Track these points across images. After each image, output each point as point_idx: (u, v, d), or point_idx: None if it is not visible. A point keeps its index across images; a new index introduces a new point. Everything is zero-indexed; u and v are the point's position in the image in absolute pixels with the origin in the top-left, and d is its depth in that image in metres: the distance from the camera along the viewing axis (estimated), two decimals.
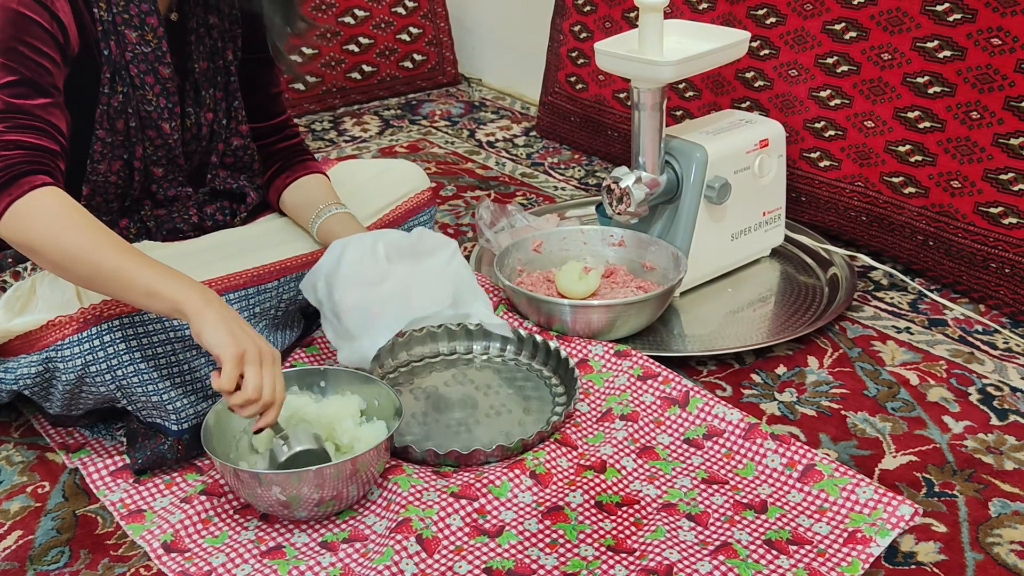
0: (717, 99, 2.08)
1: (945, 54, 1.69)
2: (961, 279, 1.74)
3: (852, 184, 1.87)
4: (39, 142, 1.22)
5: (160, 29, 1.34)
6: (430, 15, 2.85)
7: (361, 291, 1.42)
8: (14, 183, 1.18)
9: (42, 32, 1.23)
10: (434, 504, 1.24)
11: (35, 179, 1.18)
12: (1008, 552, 1.20)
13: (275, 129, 1.56)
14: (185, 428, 1.32)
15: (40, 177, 1.19)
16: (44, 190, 1.18)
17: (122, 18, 1.31)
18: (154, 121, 1.37)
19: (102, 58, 1.31)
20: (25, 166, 1.19)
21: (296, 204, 1.52)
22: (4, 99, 1.21)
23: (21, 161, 1.19)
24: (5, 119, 1.21)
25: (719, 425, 1.38)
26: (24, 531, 1.27)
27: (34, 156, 1.21)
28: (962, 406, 1.47)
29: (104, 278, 1.18)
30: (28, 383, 1.31)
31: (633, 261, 1.74)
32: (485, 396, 1.49)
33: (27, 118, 1.22)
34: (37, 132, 1.22)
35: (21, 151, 1.20)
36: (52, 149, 1.23)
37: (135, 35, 1.32)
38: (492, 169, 2.37)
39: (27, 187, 1.17)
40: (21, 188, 1.17)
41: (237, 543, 1.22)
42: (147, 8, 1.32)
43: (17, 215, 1.17)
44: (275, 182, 1.55)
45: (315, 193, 1.52)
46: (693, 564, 1.16)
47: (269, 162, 1.56)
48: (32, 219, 1.17)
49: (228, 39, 1.44)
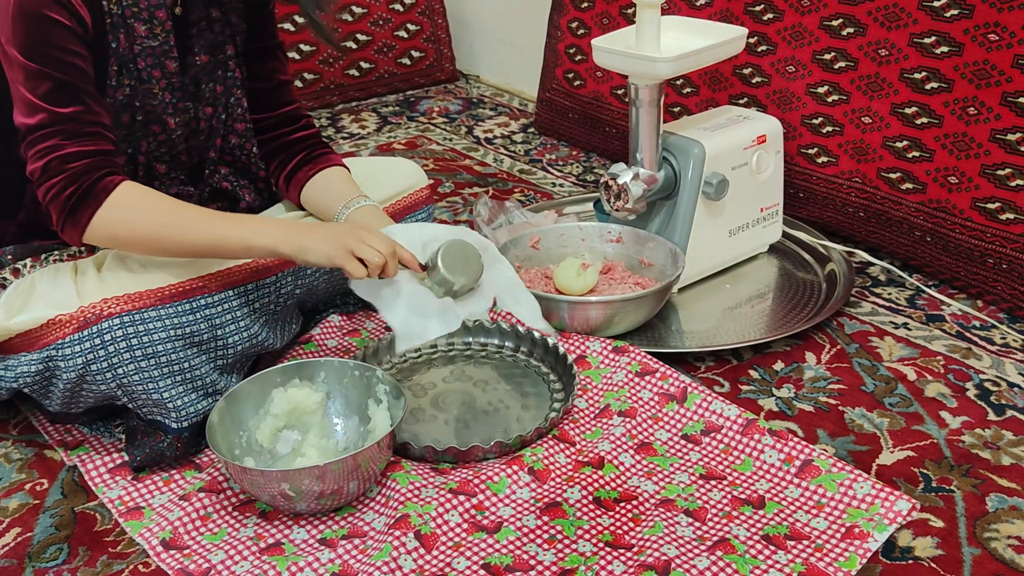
0: (715, 95, 2.08)
1: (942, 50, 1.70)
2: (959, 275, 1.74)
3: (850, 180, 1.87)
4: (97, 147, 1.26)
5: (168, 23, 1.34)
6: (428, 11, 2.85)
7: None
8: (91, 193, 1.24)
9: (66, 32, 1.24)
10: (432, 500, 1.24)
11: (106, 183, 1.25)
12: (1005, 547, 1.20)
13: (288, 119, 1.55)
14: (185, 426, 1.32)
15: (109, 179, 1.25)
16: (119, 189, 1.26)
17: (132, 11, 1.31)
18: (159, 115, 1.37)
19: (110, 51, 1.31)
20: (94, 173, 1.25)
21: (320, 196, 1.51)
22: (49, 109, 1.24)
23: (88, 170, 1.25)
24: (58, 132, 1.24)
25: (717, 421, 1.38)
26: (23, 528, 1.27)
27: (98, 162, 1.26)
28: (959, 401, 1.47)
29: (201, 250, 1.30)
30: (28, 381, 1.31)
31: (631, 257, 1.74)
32: (483, 392, 1.49)
33: (76, 124, 1.25)
34: (90, 137, 1.26)
35: (85, 160, 1.25)
36: (108, 150, 1.28)
37: (144, 28, 1.32)
38: (490, 166, 2.37)
39: (103, 194, 1.24)
40: (98, 197, 1.24)
41: (236, 540, 1.22)
42: (156, 2, 1.32)
43: (104, 222, 1.25)
44: (296, 175, 1.53)
45: (341, 187, 1.51)
46: (691, 560, 1.16)
47: (286, 154, 1.54)
48: (121, 220, 1.26)
49: (230, 33, 1.44)
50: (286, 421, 1.33)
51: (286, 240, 1.29)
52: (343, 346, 1.58)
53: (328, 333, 1.60)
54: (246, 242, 1.29)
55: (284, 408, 1.33)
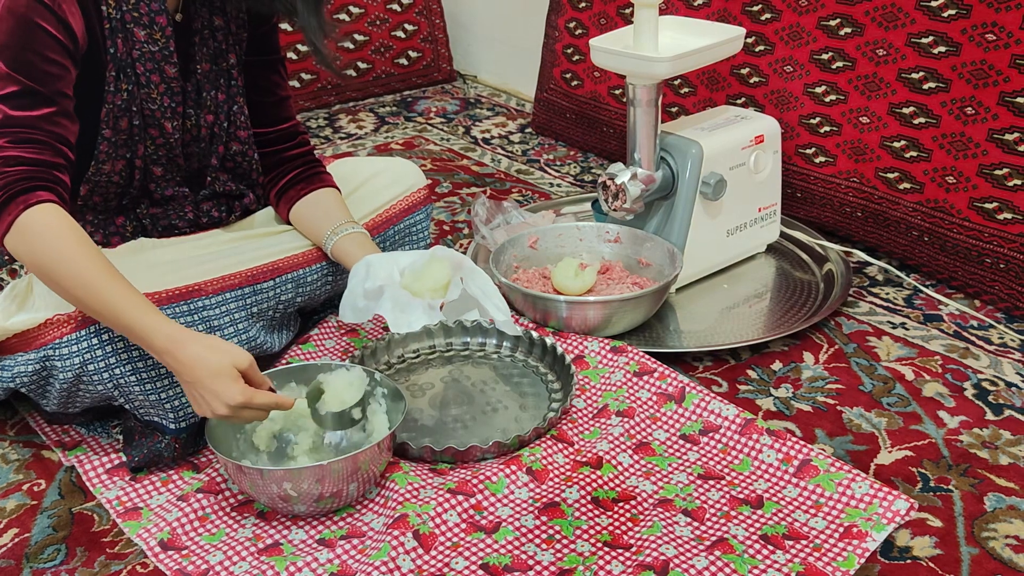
0: (712, 95, 2.08)
1: (940, 50, 1.70)
2: (956, 275, 1.74)
3: (847, 180, 1.87)
4: (40, 156, 1.22)
5: (168, 29, 1.33)
6: (425, 12, 2.84)
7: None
8: (12, 202, 1.19)
9: (49, 38, 1.22)
10: (431, 500, 1.24)
11: (32, 197, 1.19)
12: (1003, 546, 1.20)
13: (285, 136, 1.54)
14: (183, 427, 1.32)
15: (38, 194, 1.20)
16: (37, 209, 1.19)
17: (131, 16, 1.31)
18: (157, 120, 1.37)
19: (107, 56, 1.30)
20: (25, 183, 1.20)
21: (310, 218, 1.49)
22: (5, 111, 1.21)
23: (21, 178, 1.20)
24: (6, 133, 1.21)
25: (715, 421, 1.38)
26: (20, 529, 1.27)
27: (34, 172, 1.21)
28: (957, 401, 1.47)
29: (85, 307, 1.21)
30: (25, 381, 1.31)
31: (629, 257, 1.74)
32: (482, 392, 1.49)
33: (29, 131, 1.21)
34: (39, 145, 1.22)
35: (22, 167, 1.20)
36: (53, 162, 1.23)
37: (144, 33, 1.32)
38: (488, 166, 2.37)
39: (23, 206, 1.18)
40: (18, 207, 1.18)
41: (234, 540, 1.22)
42: (156, 7, 1.32)
43: (18, 232, 1.19)
44: (288, 192, 1.52)
45: (331, 210, 1.49)
46: (689, 559, 1.16)
47: (280, 169, 1.53)
48: (31, 238, 1.19)
49: (233, 42, 1.43)
50: (282, 424, 1.33)
51: (166, 352, 1.19)
52: (341, 346, 1.58)
53: (326, 333, 1.60)
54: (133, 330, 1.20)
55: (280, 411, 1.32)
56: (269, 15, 1.46)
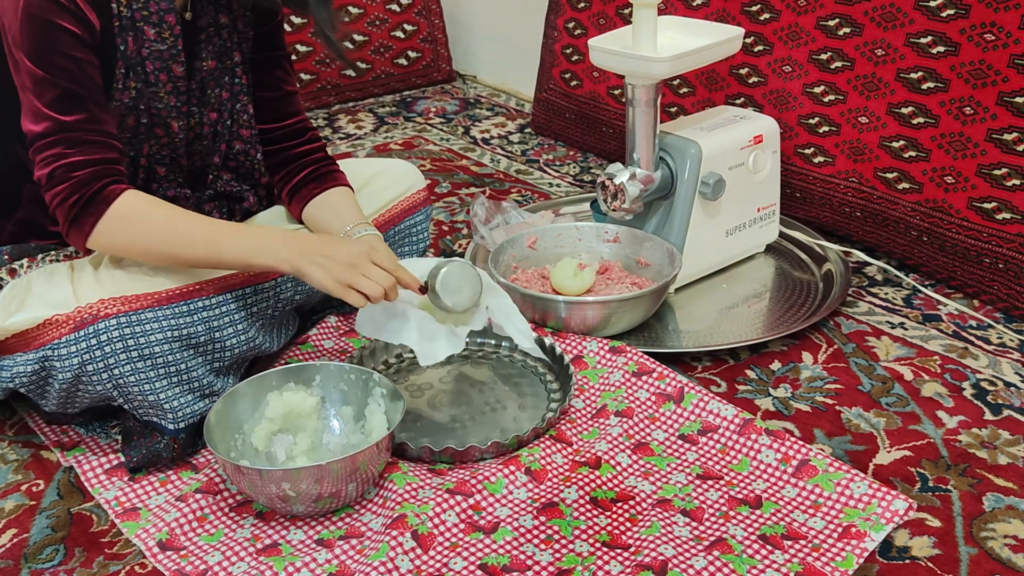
0: (711, 95, 2.08)
1: (939, 50, 1.70)
2: (955, 274, 1.74)
3: (846, 180, 1.87)
4: (100, 155, 1.27)
5: (177, 27, 1.34)
6: (424, 12, 2.84)
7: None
8: (92, 203, 1.25)
9: (70, 36, 1.24)
10: (429, 500, 1.24)
11: (108, 193, 1.26)
12: (1002, 546, 1.20)
13: (292, 133, 1.54)
14: (182, 427, 1.32)
15: (112, 188, 1.26)
16: (121, 200, 1.26)
17: (141, 14, 1.31)
18: (163, 119, 1.37)
19: (117, 54, 1.31)
20: (95, 183, 1.26)
21: (322, 219, 1.49)
22: (54, 117, 1.24)
23: (92, 179, 1.25)
24: (62, 140, 1.25)
25: (714, 421, 1.38)
26: (19, 529, 1.27)
27: (99, 171, 1.26)
28: (956, 401, 1.47)
29: (200, 263, 1.31)
30: (24, 381, 1.31)
31: (628, 257, 1.74)
32: (480, 392, 1.49)
33: (81, 133, 1.26)
34: (94, 145, 1.27)
35: (88, 169, 1.25)
36: (111, 157, 1.28)
37: (153, 32, 1.32)
38: (487, 166, 2.37)
39: (104, 204, 1.25)
40: (100, 207, 1.25)
41: (233, 541, 1.22)
42: (166, 6, 1.32)
43: (105, 232, 1.26)
44: (301, 191, 1.51)
45: (344, 211, 1.49)
46: (688, 560, 1.16)
47: (291, 168, 1.53)
48: (121, 232, 1.27)
49: (238, 40, 1.44)
50: (281, 425, 1.33)
51: (287, 260, 1.29)
52: (340, 347, 1.58)
53: (325, 334, 1.60)
54: (245, 259, 1.30)
55: (279, 411, 1.32)
56: (275, 12, 1.46)
